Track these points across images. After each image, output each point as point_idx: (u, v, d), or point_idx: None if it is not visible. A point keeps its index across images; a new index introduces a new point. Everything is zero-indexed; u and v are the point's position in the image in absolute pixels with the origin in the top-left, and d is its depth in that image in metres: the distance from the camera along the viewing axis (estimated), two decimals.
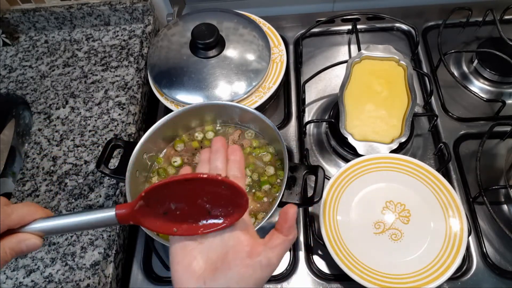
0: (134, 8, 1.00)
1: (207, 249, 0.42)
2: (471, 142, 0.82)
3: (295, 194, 0.63)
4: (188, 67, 0.84)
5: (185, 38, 0.86)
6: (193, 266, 0.40)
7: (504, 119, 0.82)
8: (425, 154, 0.81)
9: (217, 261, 0.40)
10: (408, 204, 0.69)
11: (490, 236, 0.72)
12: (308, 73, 0.89)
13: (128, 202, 0.52)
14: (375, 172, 0.72)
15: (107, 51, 1.00)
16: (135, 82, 0.93)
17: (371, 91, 0.81)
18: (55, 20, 1.03)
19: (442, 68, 0.88)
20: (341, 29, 1.00)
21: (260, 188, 0.69)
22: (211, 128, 0.77)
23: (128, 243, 0.79)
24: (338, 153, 0.83)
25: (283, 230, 0.41)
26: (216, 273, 0.39)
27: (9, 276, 0.72)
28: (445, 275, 0.62)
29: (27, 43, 1.04)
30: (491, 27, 0.95)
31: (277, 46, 0.89)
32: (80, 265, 0.72)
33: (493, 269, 0.69)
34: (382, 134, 0.77)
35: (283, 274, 0.72)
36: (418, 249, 0.66)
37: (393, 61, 0.83)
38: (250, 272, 0.39)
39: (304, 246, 0.74)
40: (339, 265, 0.64)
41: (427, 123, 0.85)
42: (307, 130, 0.86)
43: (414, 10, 0.99)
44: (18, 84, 0.96)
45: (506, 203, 0.75)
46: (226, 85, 0.81)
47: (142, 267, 0.75)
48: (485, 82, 0.88)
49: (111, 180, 0.81)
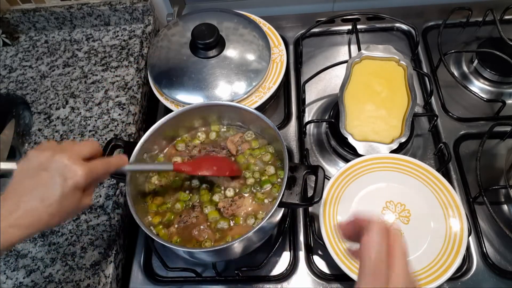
0: (134, 8, 1.00)
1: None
2: (471, 142, 0.82)
3: (295, 194, 0.63)
4: (188, 67, 0.84)
5: (185, 38, 0.86)
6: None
7: (504, 119, 0.82)
8: (425, 154, 0.81)
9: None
10: (408, 204, 0.69)
11: (490, 236, 0.72)
12: (308, 73, 0.89)
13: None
14: (375, 172, 0.72)
15: (107, 51, 1.00)
16: (135, 82, 0.93)
17: (371, 91, 0.81)
18: (55, 20, 1.03)
19: (442, 68, 0.88)
20: (341, 29, 1.00)
21: (261, 188, 0.69)
22: (216, 129, 0.77)
23: (128, 243, 0.79)
24: (338, 153, 0.83)
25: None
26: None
27: (9, 276, 0.72)
28: (445, 275, 0.62)
29: (27, 43, 1.04)
30: (491, 27, 0.95)
31: (277, 46, 0.89)
32: (80, 265, 0.72)
33: (493, 269, 0.69)
34: (382, 134, 0.77)
35: (283, 274, 0.72)
36: (418, 249, 0.66)
37: (393, 61, 0.83)
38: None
39: (304, 246, 0.74)
40: (339, 265, 0.64)
41: (427, 123, 0.85)
42: (307, 130, 0.86)
43: (414, 10, 0.99)
44: (18, 84, 0.96)
45: (506, 203, 0.75)
46: (226, 85, 0.81)
47: (142, 267, 0.75)
48: (485, 82, 0.88)
49: (111, 180, 0.81)
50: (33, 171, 0.51)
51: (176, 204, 0.70)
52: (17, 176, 0.51)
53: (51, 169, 0.50)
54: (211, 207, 0.68)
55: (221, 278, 0.72)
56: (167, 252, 0.74)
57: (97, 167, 0.54)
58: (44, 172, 0.50)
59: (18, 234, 0.48)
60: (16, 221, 0.48)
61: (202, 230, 0.67)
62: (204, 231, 0.67)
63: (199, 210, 0.69)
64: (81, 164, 0.51)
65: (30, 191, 0.49)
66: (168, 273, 0.74)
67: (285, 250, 0.74)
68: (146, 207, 0.70)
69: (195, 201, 0.70)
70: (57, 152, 0.51)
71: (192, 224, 0.68)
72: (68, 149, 0.52)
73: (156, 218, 0.68)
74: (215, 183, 0.71)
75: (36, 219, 0.49)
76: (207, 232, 0.67)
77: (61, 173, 0.50)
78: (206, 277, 0.73)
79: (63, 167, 0.50)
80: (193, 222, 0.68)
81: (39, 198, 0.49)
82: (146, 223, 0.67)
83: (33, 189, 0.49)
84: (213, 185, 0.71)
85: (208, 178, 0.71)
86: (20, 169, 0.52)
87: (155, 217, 0.68)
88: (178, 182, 0.72)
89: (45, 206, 0.49)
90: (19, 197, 0.49)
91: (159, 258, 0.71)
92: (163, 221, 0.68)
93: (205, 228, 0.67)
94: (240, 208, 0.68)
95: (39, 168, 0.50)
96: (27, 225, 0.49)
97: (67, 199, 0.50)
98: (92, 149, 0.55)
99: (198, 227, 0.67)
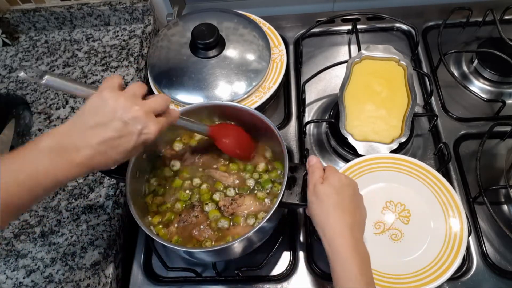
0: (134, 8, 1.00)
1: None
2: (471, 142, 0.82)
3: (295, 194, 0.63)
4: (188, 67, 0.84)
5: (185, 38, 0.86)
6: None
7: (504, 119, 0.82)
8: (425, 154, 0.81)
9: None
10: (408, 204, 0.69)
11: (490, 236, 0.72)
12: (308, 73, 0.89)
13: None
14: (375, 172, 0.72)
15: (107, 51, 1.00)
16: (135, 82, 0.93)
17: (371, 91, 0.81)
18: (55, 20, 1.03)
19: (442, 68, 0.88)
20: (341, 29, 1.00)
21: (263, 188, 0.69)
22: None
23: (128, 243, 0.79)
24: (338, 153, 0.83)
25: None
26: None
27: (9, 276, 0.72)
28: (445, 275, 0.62)
29: (27, 43, 1.04)
30: (491, 27, 0.95)
31: (277, 46, 0.89)
32: (80, 265, 0.72)
33: (493, 269, 0.69)
34: (382, 134, 0.77)
35: (283, 274, 0.72)
36: (418, 249, 0.66)
37: (393, 61, 0.83)
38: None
39: (304, 246, 0.74)
40: None
41: (427, 123, 0.85)
42: (307, 130, 0.86)
43: (414, 10, 0.99)
44: (18, 84, 0.96)
45: (506, 203, 0.75)
46: (226, 85, 0.81)
47: (142, 267, 0.75)
48: (485, 82, 0.88)
49: (111, 180, 0.81)
50: (108, 113, 0.50)
51: (176, 203, 0.70)
52: (91, 108, 0.51)
53: (128, 120, 0.50)
54: (212, 205, 0.69)
55: (221, 278, 0.72)
56: (167, 252, 0.74)
57: (164, 125, 0.56)
58: (120, 121, 0.50)
59: (83, 171, 0.50)
60: (85, 161, 0.49)
61: (202, 230, 0.67)
62: (204, 230, 0.67)
63: (199, 210, 0.69)
64: (155, 123, 0.53)
65: (103, 133, 0.50)
66: (168, 273, 0.74)
67: (285, 250, 0.74)
68: (146, 207, 0.70)
69: (195, 201, 0.70)
70: (134, 104, 0.51)
71: (192, 224, 0.68)
72: (143, 104, 0.53)
73: (156, 218, 0.68)
74: (215, 181, 0.71)
75: (103, 163, 0.51)
76: (207, 232, 0.67)
77: (138, 127, 0.51)
78: (206, 277, 0.73)
79: (141, 122, 0.51)
80: (193, 222, 0.68)
81: (112, 145, 0.50)
82: (146, 223, 0.67)
83: (107, 133, 0.50)
84: (213, 183, 0.71)
85: (208, 175, 0.72)
86: (96, 103, 0.51)
87: (155, 217, 0.68)
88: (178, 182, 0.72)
89: (116, 153, 0.51)
90: (91, 134, 0.49)
91: (159, 258, 0.71)
92: (163, 221, 0.68)
93: (205, 227, 0.67)
94: (241, 207, 0.68)
95: (115, 113, 0.50)
96: (94, 166, 0.50)
97: (135, 150, 0.53)
98: (163, 106, 0.56)
99: (198, 226, 0.67)
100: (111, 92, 0.51)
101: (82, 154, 0.49)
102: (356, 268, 0.52)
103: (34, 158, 0.47)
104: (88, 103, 0.51)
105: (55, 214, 0.78)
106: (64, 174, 0.48)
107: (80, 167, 0.49)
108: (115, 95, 0.51)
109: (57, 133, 0.50)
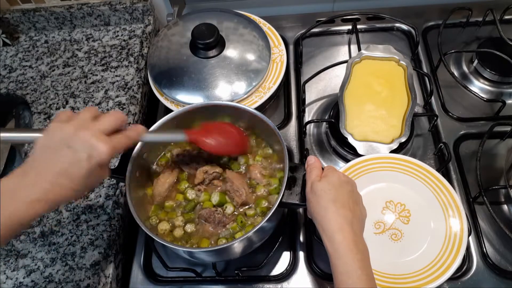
0: (134, 8, 1.00)
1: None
2: (471, 142, 0.82)
3: (295, 194, 0.63)
4: (188, 67, 0.84)
5: (185, 38, 0.86)
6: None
7: (504, 119, 0.82)
8: (425, 154, 0.81)
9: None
10: (408, 204, 0.69)
11: (490, 236, 0.72)
12: (308, 73, 0.89)
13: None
14: (375, 172, 0.72)
15: (107, 51, 1.00)
16: (135, 82, 0.93)
17: (371, 91, 0.81)
18: (55, 20, 1.03)
19: (442, 68, 0.88)
20: (341, 29, 1.00)
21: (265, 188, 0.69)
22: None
23: (128, 243, 0.79)
24: (338, 153, 0.83)
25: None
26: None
27: (9, 276, 0.72)
28: (445, 275, 0.62)
29: (27, 43, 1.04)
30: (491, 27, 0.95)
31: (277, 46, 0.89)
32: (80, 265, 0.72)
33: (493, 269, 0.69)
34: (382, 134, 0.77)
35: (283, 274, 0.72)
36: (418, 249, 0.66)
37: (393, 61, 0.83)
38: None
39: (304, 246, 0.74)
40: None
41: (427, 123, 0.85)
42: (307, 130, 0.86)
43: (414, 10, 0.99)
44: (18, 84, 0.96)
45: (506, 203, 0.75)
46: (226, 85, 0.81)
47: (142, 267, 0.75)
48: (485, 82, 0.88)
49: (111, 180, 0.81)
50: (55, 146, 0.50)
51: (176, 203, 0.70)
52: (39, 149, 0.51)
53: (76, 146, 0.50)
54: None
55: (221, 278, 0.72)
56: (167, 252, 0.74)
57: (120, 142, 0.53)
58: (68, 149, 0.50)
59: (43, 208, 0.49)
60: (42, 196, 0.48)
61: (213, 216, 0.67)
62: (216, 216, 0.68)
63: (199, 209, 0.69)
64: (105, 142, 0.51)
65: (53, 166, 0.49)
66: (168, 273, 0.74)
67: (285, 250, 0.74)
68: (146, 207, 0.70)
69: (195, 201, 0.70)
70: (81, 129, 0.50)
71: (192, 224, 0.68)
72: (91, 126, 0.51)
73: (156, 218, 0.68)
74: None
75: (62, 195, 0.50)
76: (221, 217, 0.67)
77: (86, 151, 0.50)
78: (206, 277, 0.73)
79: (88, 145, 0.50)
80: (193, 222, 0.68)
81: (64, 175, 0.49)
82: (146, 223, 0.67)
83: (57, 165, 0.49)
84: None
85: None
86: (42, 142, 0.51)
87: (155, 217, 0.68)
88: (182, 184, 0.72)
89: (71, 182, 0.50)
90: (43, 171, 0.49)
91: (159, 258, 0.71)
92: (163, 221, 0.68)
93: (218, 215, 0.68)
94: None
95: (62, 143, 0.50)
96: (52, 200, 0.50)
97: (92, 175, 0.51)
98: (115, 123, 0.53)
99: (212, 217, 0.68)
100: (56, 124, 0.52)
101: (37, 190, 0.48)
102: (356, 264, 0.51)
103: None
104: (38, 143, 0.51)
105: (55, 214, 0.78)
106: (22, 213, 0.48)
107: (39, 203, 0.48)
108: (60, 126, 0.51)
109: (14, 176, 0.50)
